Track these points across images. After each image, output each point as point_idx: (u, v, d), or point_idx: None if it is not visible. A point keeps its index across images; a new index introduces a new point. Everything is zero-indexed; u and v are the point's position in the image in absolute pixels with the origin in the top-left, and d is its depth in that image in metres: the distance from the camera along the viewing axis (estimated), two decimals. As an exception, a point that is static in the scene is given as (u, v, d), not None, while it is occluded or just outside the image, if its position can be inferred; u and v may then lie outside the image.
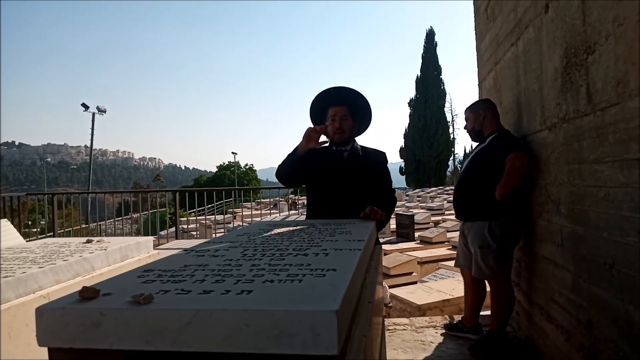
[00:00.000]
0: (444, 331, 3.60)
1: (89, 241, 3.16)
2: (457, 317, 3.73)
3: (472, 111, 3.29)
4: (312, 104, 2.70)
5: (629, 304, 1.80)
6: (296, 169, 2.57)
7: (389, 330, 3.65)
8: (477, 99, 4.16)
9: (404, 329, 3.71)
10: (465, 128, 3.37)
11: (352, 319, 0.99)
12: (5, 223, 3.66)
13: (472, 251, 3.18)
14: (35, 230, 8.76)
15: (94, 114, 31.74)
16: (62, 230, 8.70)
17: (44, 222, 9.53)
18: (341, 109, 2.57)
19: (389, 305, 4.85)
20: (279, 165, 2.60)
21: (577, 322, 2.32)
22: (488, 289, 3.28)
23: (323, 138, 2.51)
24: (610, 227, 1.94)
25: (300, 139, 2.48)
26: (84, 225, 10.63)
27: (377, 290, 1.49)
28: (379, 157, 2.69)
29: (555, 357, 2.68)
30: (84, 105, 31.28)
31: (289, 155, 2.56)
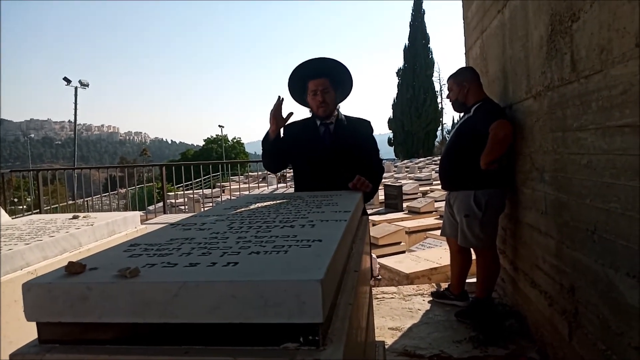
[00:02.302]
0: (431, 299, 3.68)
1: (75, 217, 3.14)
2: (444, 285, 3.81)
3: (455, 82, 3.26)
4: (290, 78, 2.64)
5: (609, 269, 1.85)
6: (279, 155, 2.60)
7: (377, 298, 3.71)
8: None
9: (392, 297, 3.78)
10: (447, 97, 3.36)
11: (338, 288, 1.01)
12: (-10, 200, 3.61)
13: (457, 220, 3.22)
14: (21, 207, 8.68)
15: (76, 88, 31.12)
16: (49, 207, 8.62)
17: (29, 199, 9.43)
18: (321, 81, 2.53)
19: (378, 278, 4.88)
20: (262, 156, 2.63)
21: (560, 287, 2.38)
22: (474, 257, 3.34)
23: (286, 111, 2.50)
24: (592, 193, 1.97)
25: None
26: (70, 202, 10.54)
27: (363, 259, 1.51)
28: (365, 127, 2.68)
29: (539, 321, 2.76)
30: (65, 79, 30.61)
31: (264, 142, 2.56)
